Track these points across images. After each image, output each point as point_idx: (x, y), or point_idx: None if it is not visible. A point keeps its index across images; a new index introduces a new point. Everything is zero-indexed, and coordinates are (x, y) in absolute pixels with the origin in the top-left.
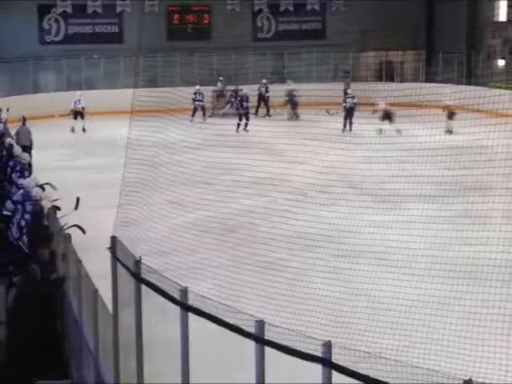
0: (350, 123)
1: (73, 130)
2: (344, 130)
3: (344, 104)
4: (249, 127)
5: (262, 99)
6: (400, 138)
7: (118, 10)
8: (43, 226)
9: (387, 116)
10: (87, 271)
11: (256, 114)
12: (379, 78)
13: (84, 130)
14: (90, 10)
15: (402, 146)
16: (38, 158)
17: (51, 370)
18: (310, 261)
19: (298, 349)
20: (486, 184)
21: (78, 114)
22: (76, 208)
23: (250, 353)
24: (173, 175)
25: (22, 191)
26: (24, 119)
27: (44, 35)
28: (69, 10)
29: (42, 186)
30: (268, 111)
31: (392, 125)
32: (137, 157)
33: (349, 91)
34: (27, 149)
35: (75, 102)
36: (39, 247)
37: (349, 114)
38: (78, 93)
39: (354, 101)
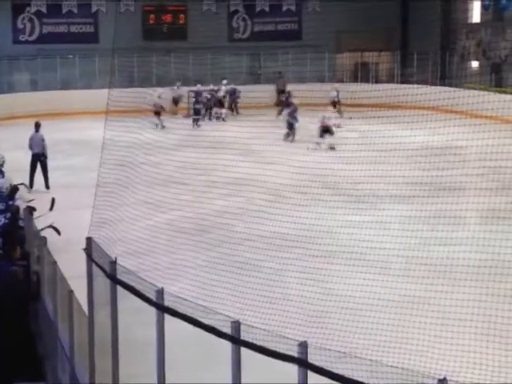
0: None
1: (156, 126)
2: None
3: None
4: (226, 127)
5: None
6: (375, 138)
7: (94, 9)
8: (18, 227)
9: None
10: (62, 272)
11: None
12: (355, 79)
13: (163, 126)
14: (64, 10)
15: (377, 147)
16: (12, 158)
17: (26, 371)
18: (285, 261)
19: (274, 349)
20: (461, 184)
21: (159, 111)
22: (51, 209)
23: (226, 353)
24: (148, 176)
25: None
26: (37, 125)
27: (18, 35)
28: (43, 9)
29: (16, 187)
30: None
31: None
32: (112, 157)
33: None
34: (40, 157)
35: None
36: (12, 248)
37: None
38: (160, 90)
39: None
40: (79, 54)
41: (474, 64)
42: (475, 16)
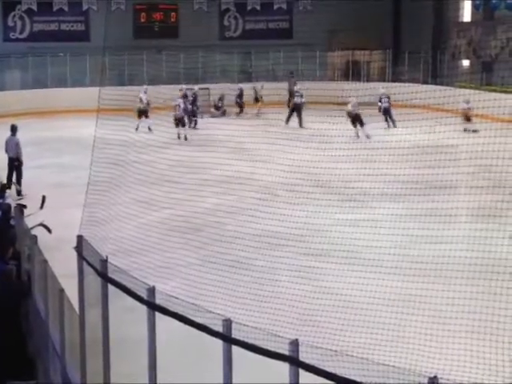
0: (300, 120)
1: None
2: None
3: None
4: (214, 125)
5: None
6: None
7: (84, 7)
8: (10, 226)
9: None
10: (53, 271)
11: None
12: (346, 78)
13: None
14: (55, 8)
15: (368, 145)
16: (2, 156)
17: (17, 371)
18: (277, 259)
19: (265, 347)
20: (452, 183)
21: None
22: (42, 207)
23: (217, 352)
24: (140, 174)
25: None
26: (13, 128)
27: (9, 32)
28: (34, 7)
29: (5, 185)
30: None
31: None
32: (103, 156)
33: (296, 88)
34: (14, 161)
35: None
36: (5, 247)
37: (298, 111)
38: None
39: (303, 100)
40: (70, 52)
41: (465, 63)
42: (466, 15)
